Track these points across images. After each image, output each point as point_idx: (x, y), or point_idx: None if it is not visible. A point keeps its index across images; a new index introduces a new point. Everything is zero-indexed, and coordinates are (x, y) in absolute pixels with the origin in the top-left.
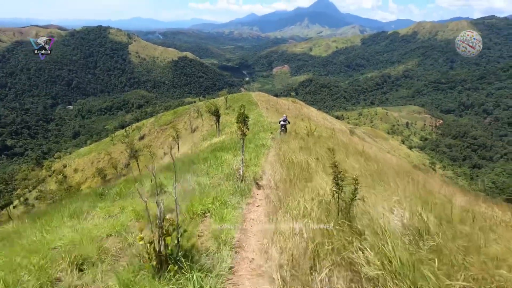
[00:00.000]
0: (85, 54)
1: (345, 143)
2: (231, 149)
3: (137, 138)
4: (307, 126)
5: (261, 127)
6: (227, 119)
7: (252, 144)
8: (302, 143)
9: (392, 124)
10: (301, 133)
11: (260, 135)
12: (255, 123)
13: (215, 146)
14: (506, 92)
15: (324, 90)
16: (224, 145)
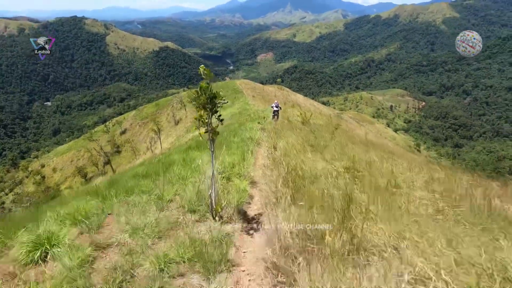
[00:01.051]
0: (61, 47)
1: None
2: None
3: (118, 133)
4: (302, 113)
5: (248, 116)
6: None
7: (237, 138)
8: (301, 134)
9: (377, 108)
10: (295, 121)
11: (247, 126)
12: (241, 111)
13: (192, 142)
14: (484, 72)
15: (309, 77)
16: (202, 141)
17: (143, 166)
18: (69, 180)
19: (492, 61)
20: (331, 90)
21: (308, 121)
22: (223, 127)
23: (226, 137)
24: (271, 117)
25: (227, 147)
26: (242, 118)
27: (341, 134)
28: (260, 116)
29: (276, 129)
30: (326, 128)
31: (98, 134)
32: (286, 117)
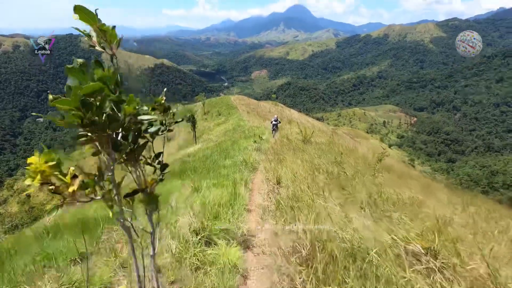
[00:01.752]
0: (55, 63)
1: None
2: (194, 172)
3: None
4: (302, 130)
5: (242, 132)
6: (205, 125)
7: (229, 161)
8: (306, 157)
9: (370, 124)
10: (294, 139)
11: (240, 144)
12: (235, 128)
13: (178, 164)
14: (472, 89)
15: (303, 93)
16: (185, 167)
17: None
18: (55, 199)
19: (479, 78)
20: (325, 106)
21: (310, 139)
22: (214, 146)
23: (215, 160)
24: (271, 131)
25: (214, 173)
26: (236, 135)
27: (352, 156)
28: (255, 134)
29: (275, 149)
30: (329, 147)
31: (91, 150)
32: (285, 135)
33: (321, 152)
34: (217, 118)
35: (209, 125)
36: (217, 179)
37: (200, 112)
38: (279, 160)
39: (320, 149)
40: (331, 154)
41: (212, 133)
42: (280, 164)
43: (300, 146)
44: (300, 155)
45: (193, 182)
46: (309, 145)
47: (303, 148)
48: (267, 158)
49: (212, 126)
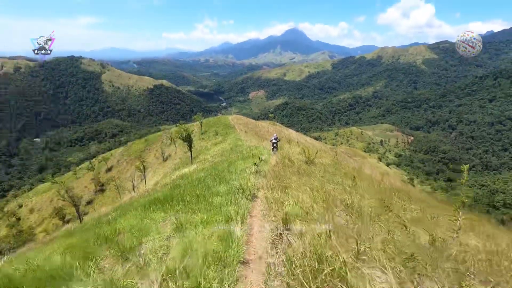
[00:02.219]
0: (55, 84)
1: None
2: (182, 200)
3: (104, 170)
4: (305, 150)
5: (240, 153)
6: (202, 145)
7: (224, 186)
8: (314, 182)
9: (368, 143)
10: (297, 160)
11: (238, 165)
12: (233, 148)
13: (162, 192)
14: (466, 108)
15: (300, 113)
16: (173, 194)
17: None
18: (46, 222)
19: (473, 98)
20: (322, 126)
21: (313, 160)
22: (209, 167)
23: (208, 185)
24: (270, 150)
25: (205, 203)
26: (233, 155)
27: (362, 179)
28: (253, 154)
29: (276, 172)
30: (334, 169)
31: (82, 171)
32: (286, 156)
33: (329, 175)
34: (214, 137)
35: (206, 144)
36: (208, 213)
37: (197, 132)
38: (282, 186)
39: (326, 171)
40: (340, 177)
41: (209, 153)
42: (285, 192)
43: (304, 168)
44: (306, 180)
45: (176, 217)
46: (313, 167)
47: (308, 170)
48: (268, 184)
49: (209, 146)
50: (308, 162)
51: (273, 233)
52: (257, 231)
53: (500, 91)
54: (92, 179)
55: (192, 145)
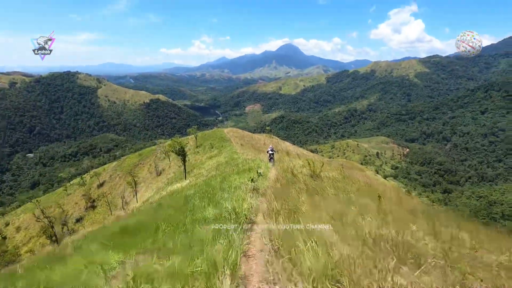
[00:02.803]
0: (51, 99)
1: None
2: (156, 231)
3: (96, 186)
4: (309, 162)
5: (235, 166)
6: (197, 159)
7: (213, 209)
8: (329, 205)
9: (364, 155)
10: (300, 174)
11: (232, 181)
12: (228, 161)
13: (145, 212)
14: (459, 120)
15: (296, 126)
16: (148, 221)
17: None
18: (33, 241)
19: (465, 110)
20: (318, 139)
21: (319, 174)
22: (201, 183)
23: (194, 206)
24: (268, 161)
25: (186, 235)
26: (228, 169)
27: (394, 202)
28: (250, 167)
29: (279, 190)
30: (345, 184)
31: (73, 187)
32: (288, 169)
33: (342, 192)
34: (209, 151)
35: (201, 158)
36: (184, 254)
37: (192, 145)
38: (289, 210)
39: (337, 188)
40: (354, 194)
41: (204, 166)
42: (294, 218)
43: (311, 183)
44: (320, 201)
45: (137, 262)
46: (321, 182)
47: (317, 187)
48: (269, 207)
49: (204, 160)
50: (314, 176)
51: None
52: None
53: (492, 103)
54: (83, 195)
55: (186, 159)
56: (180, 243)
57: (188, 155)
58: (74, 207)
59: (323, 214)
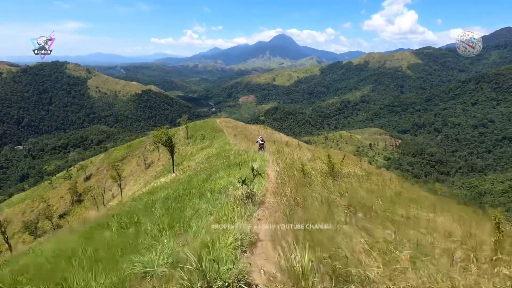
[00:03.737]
0: (39, 90)
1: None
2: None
3: (82, 179)
4: (329, 156)
5: (226, 158)
6: (187, 150)
7: (188, 213)
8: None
9: (357, 146)
10: (311, 169)
11: (218, 180)
12: (219, 153)
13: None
14: (450, 112)
15: (289, 117)
16: (132, 210)
17: None
18: (17, 237)
19: (456, 102)
20: (312, 130)
21: (338, 171)
22: (183, 179)
23: (139, 234)
24: (258, 150)
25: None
26: (219, 161)
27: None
28: (243, 160)
29: (290, 201)
30: (371, 183)
31: (59, 180)
32: (295, 164)
33: (386, 202)
34: (201, 142)
35: (192, 150)
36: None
37: (183, 136)
38: (330, 269)
39: (374, 193)
40: (397, 203)
41: (194, 159)
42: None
43: (335, 187)
44: (380, 233)
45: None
46: (343, 182)
47: (353, 197)
48: (275, 237)
49: (195, 151)
50: (332, 174)
51: None
52: None
53: (482, 95)
54: (68, 189)
55: (175, 150)
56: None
57: (178, 147)
58: (60, 202)
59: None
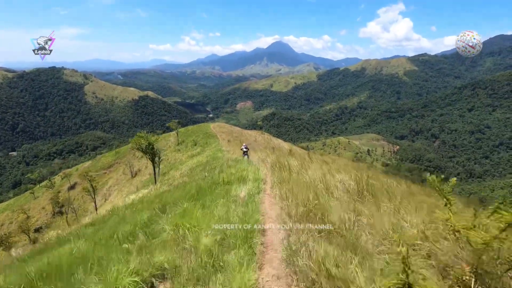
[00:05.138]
0: (35, 96)
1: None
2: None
3: (66, 188)
4: (357, 172)
5: (210, 171)
6: (177, 158)
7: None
8: None
9: (356, 152)
10: (333, 186)
11: (207, 195)
12: (209, 161)
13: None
14: (447, 118)
15: (287, 123)
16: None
17: None
18: None
19: (453, 108)
20: (309, 136)
21: (373, 190)
22: (149, 198)
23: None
24: (242, 157)
25: None
26: (199, 176)
27: None
28: (229, 180)
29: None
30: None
31: (42, 190)
32: (310, 184)
33: None
34: (191, 148)
35: (181, 157)
36: None
37: (173, 142)
38: None
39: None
40: None
41: (182, 167)
42: None
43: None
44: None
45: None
46: (379, 207)
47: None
48: None
49: (185, 159)
50: (363, 195)
51: None
52: None
53: (478, 101)
54: (50, 199)
55: (163, 157)
56: None
57: (167, 153)
58: (41, 212)
59: None
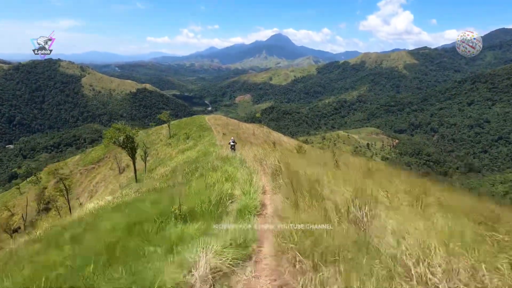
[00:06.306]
0: (31, 88)
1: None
2: None
3: (53, 184)
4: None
5: (192, 172)
6: (167, 152)
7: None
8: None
9: (355, 146)
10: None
11: (198, 199)
12: (200, 156)
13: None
14: (447, 112)
15: (286, 117)
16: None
17: None
18: None
19: (452, 102)
20: (309, 129)
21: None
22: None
23: None
24: (230, 149)
25: None
26: (180, 177)
27: None
28: (215, 194)
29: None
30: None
31: (29, 185)
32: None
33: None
34: (183, 142)
35: (171, 152)
36: None
37: (165, 136)
38: None
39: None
40: None
41: (171, 163)
42: None
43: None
44: None
45: None
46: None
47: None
48: None
49: (175, 154)
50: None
51: None
52: None
53: (478, 95)
54: (35, 196)
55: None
56: None
57: (157, 148)
58: (26, 210)
59: None
